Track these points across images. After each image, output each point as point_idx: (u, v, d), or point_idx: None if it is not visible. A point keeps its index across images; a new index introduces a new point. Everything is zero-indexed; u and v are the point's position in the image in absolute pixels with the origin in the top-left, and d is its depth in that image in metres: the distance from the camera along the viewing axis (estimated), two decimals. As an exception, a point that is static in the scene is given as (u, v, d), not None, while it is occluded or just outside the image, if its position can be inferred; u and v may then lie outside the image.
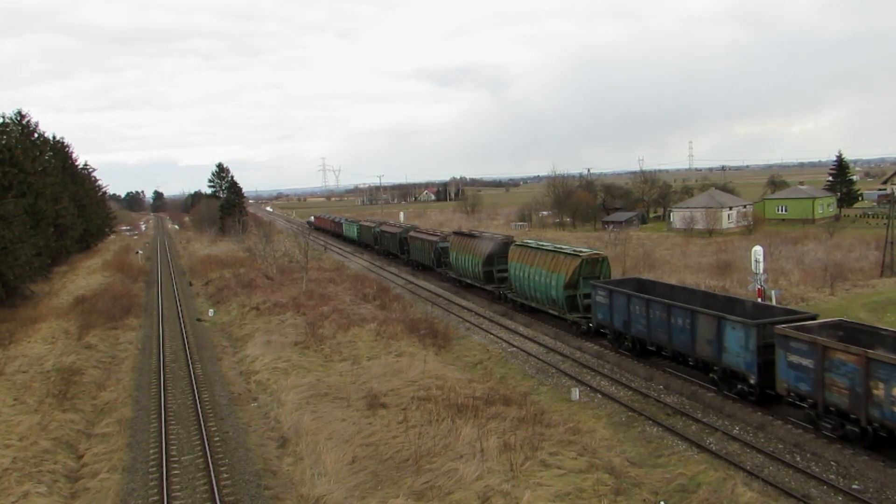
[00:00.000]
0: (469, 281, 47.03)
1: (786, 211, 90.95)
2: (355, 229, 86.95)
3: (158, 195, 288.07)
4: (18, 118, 64.60)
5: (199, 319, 42.37)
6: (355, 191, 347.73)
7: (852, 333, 21.18)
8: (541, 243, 40.65)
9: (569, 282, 33.97)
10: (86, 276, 61.58)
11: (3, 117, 56.12)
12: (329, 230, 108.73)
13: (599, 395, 25.41)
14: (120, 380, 28.87)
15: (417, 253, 59.34)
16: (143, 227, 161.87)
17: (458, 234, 52.45)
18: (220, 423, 22.98)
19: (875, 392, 18.00)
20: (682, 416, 22.83)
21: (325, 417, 21.89)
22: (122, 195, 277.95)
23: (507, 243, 43.51)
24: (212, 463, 19.14)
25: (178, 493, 17.80)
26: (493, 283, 43.85)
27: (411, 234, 62.91)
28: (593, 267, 34.22)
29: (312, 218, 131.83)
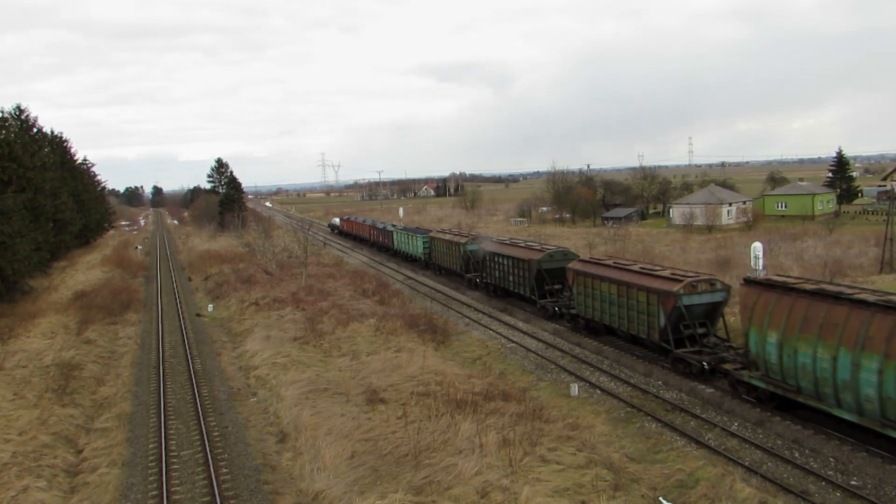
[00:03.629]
0: (838, 410, 19.20)
1: (785, 207, 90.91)
2: (420, 244, 57.67)
3: (158, 190, 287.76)
4: (17, 113, 64.50)
5: (198, 315, 42.38)
6: (355, 186, 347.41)
7: None
8: None
9: None
10: (85, 272, 61.55)
11: (2, 112, 56.09)
12: (367, 239, 79.94)
13: (598, 391, 25.44)
14: (119, 375, 28.90)
15: (599, 305, 30.41)
16: (142, 222, 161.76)
17: (783, 288, 21.02)
18: (220, 418, 23.00)
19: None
20: (681, 411, 22.86)
21: (325, 412, 21.91)
22: (122, 190, 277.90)
23: None
24: (211, 458, 19.16)
25: (178, 488, 17.82)
26: None
27: (578, 266, 32.71)
28: None
29: (337, 220, 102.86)
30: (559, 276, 36.04)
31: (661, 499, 16.26)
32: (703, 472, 17.69)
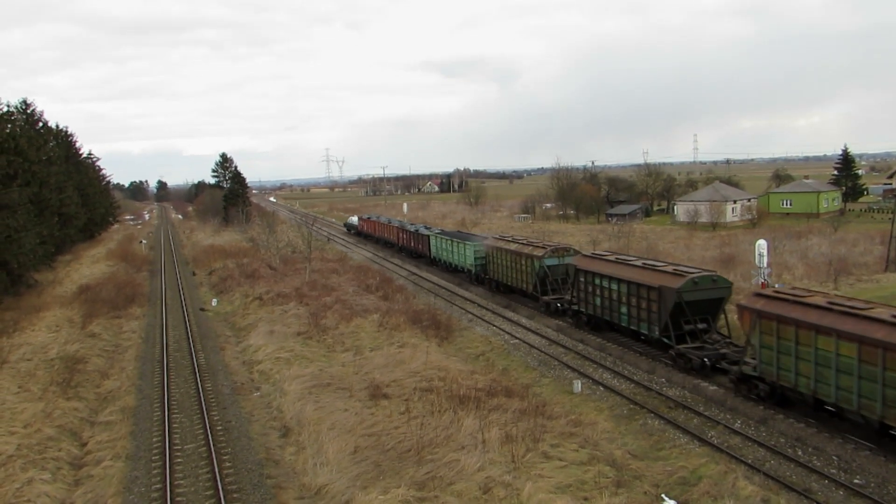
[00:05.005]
0: None
1: (790, 205, 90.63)
2: (471, 253, 46.91)
3: (162, 185, 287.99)
4: (23, 107, 64.63)
5: (202, 309, 42.45)
6: (359, 181, 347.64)
7: None
8: None
9: None
10: (89, 266, 61.73)
11: (8, 106, 56.20)
12: (393, 243, 70.36)
13: (601, 388, 25.45)
14: (123, 368, 28.99)
15: (813, 370, 20.29)
16: (146, 216, 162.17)
17: None
18: (223, 413, 23.06)
19: None
20: (684, 409, 22.85)
21: (328, 407, 21.96)
22: (126, 185, 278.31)
23: None
24: (214, 452, 19.21)
25: (181, 482, 17.88)
26: None
27: (765, 305, 22.28)
28: None
29: (355, 219, 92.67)
30: (706, 311, 27.02)
31: (663, 496, 16.27)
32: (705, 469, 17.69)
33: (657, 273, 28.48)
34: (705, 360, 25.24)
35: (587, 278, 32.52)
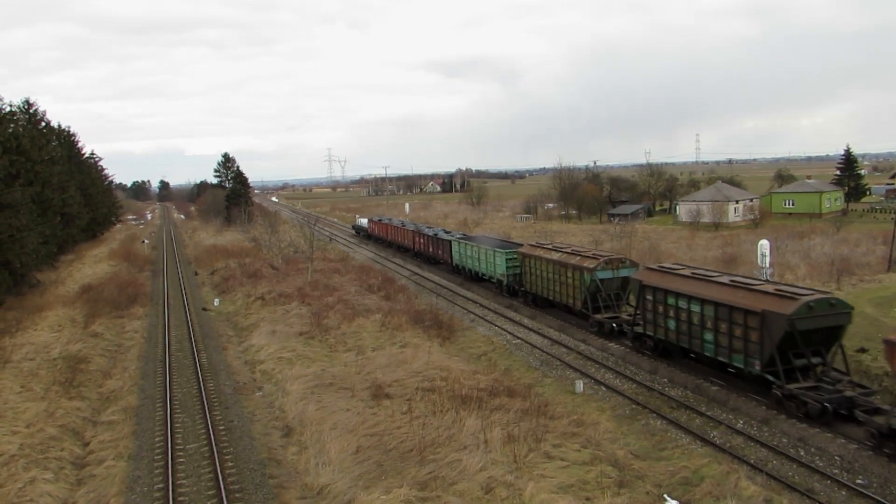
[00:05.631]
0: None
1: (793, 205, 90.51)
2: (503, 262, 42.06)
3: (164, 185, 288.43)
4: (26, 107, 64.69)
5: (204, 309, 42.49)
6: (361, 181, 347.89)
7: None
8: None
9: None
10: (92, 265, 61.81)
11: (11, 106, 56.22)
12: (408, 248, 64.33)
13: (604, 388, 25.44)
14: (126, 368, 29.02)
15: None
16: (148, 216, 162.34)
17: None
18: (225, 412, 23.08)
19: None
20: (687, 409, 22.84)
21: (330, 407, 21.97)
22: (129, 184, 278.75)
23: None
24: (216, 451, 19.23)
25: (183, 481, 17.89)
26: None
27: None
28: None
29: (364, 221, 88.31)
30: (820, 342, 22.09)
31: (665, 496, 16.25)
32: (707, 469, 17.66)
33: (756, 293, 23.03)
34: (827, 405, 20.31)
35: (656, 296, 27.28)
